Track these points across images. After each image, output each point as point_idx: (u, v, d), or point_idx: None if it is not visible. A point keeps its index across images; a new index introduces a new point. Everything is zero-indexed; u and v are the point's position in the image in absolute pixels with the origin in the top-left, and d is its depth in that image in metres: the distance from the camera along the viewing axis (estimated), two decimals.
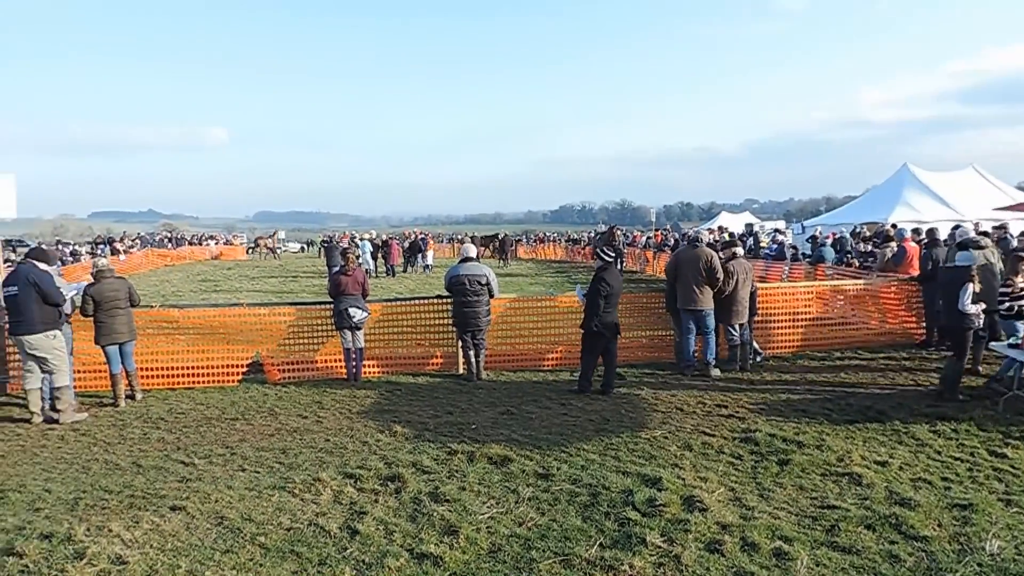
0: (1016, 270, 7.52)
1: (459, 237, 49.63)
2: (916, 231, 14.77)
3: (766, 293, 9.90)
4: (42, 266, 7.05)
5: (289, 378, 8.64)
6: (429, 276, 26.91)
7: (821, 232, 20.40)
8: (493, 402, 7.48)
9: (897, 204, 24.18)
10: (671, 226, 66.67)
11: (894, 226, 16.83)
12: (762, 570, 3.68)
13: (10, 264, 12.39)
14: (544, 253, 45.42)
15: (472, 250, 9.07)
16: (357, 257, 9.23)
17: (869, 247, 15.52)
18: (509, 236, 39.59)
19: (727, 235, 22.03)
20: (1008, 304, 7.44)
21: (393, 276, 26.27)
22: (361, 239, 28.07)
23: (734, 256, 8.84)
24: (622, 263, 23.70)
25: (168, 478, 5.27)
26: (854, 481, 4.92)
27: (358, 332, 8.53)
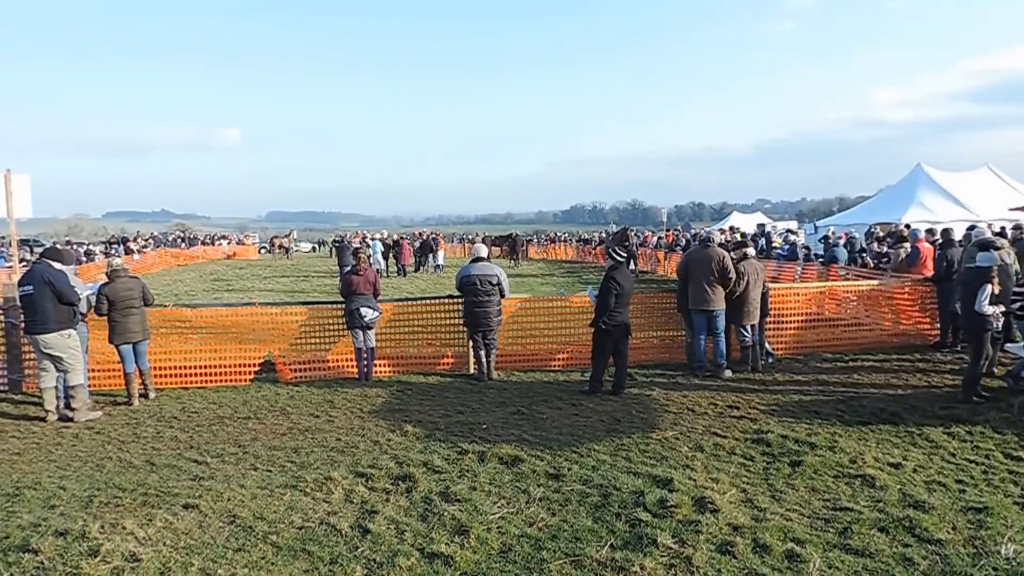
0: None
1: (470, 237, 49.69)
2: (930, 231, 14.68)
3: (778, 294, 9.86)
4: (57, 265, 7.11)
5: (301, 377, 8.68)
6: (440, 276, 26.96)
7: (834, 232, 20.30)
8: (504, 402, 7.48)
9: (911, 204, 24.07)
10: (682, 226, 66.46)
11: (908, 226, 16.73)
12: (774, 572, 3.66)
13: (25, 264, 12.51)
14: (555, 253, 45.42)
15: (483, 250, 9.09)
16: (369, 257, 9.26)
17: (884, 248, 15.41)
18: (520, 236, 39.62)
19: (738, 235, 21.96)
20: (1022, 304, 7.36)
21: (404, 276, 26.35)
22: (372, 239, 28.15)
23: (745, 257, 8.81)
24: (635, 264, 23.65)
25: (181, 476, 5.31)
26: (867, 483, 4.89)
27: (369, 332, 8.56)
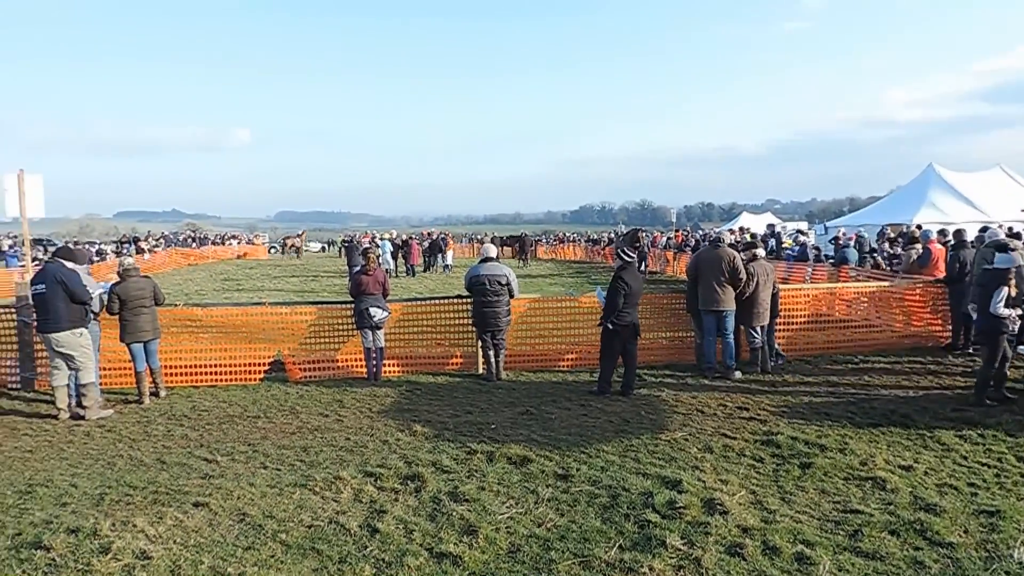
0: None
1: (479, 237, 49.73)
2: (942, 232, 14.56)
3: (788, 295, 9.81)
4: (69, 264, 7.16)
5: (310, 377, 8.70)
6: (449, 276, 26.98)
7: (844, 233, 20.19)
8: (512, 402, 7.48)
9: (922, 205, 23.94)
10: (691, 227, 66.29)
11: (919, 227, 16.61)
12: (783, 574, 3.65)
13: (38, 263, 12.60)
14: (564, 253, 45.41)
15: (493, 250, 9.09)
16: (378, 257, 9.28)
17: (898, 249, 15.31)
18: (529, 236, 39.64)
19: (748, 236, 21.86)
20: None
21: (413, 276, 26.38)
22: (382, 239, 28.21)
23: (755, 257, 8.77)
24: (645, 265, 23.60)
25: (191, 475, 5.34)
26: (878, 485, 4.86)
27: (378, 331, 8.58)
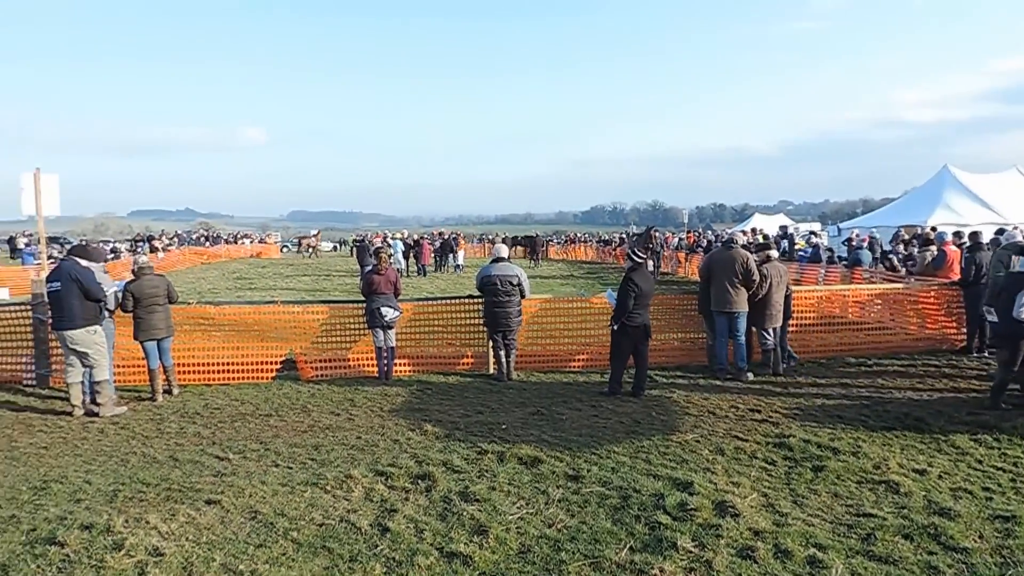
0: None
1: (490, 237, 49.78)
2: (957, 234, 14.43)
3: (801, 296, 9.76)
4: (84, 262, 7.21)
5: (322, 375, 8.73)
6: (460, 276, 27.02)
7: (858, 234, 20.04)
8: (523, 402, 7.48)
9: (937, 206, 23.74)
10: (703, 227, 66.05)
11: (934, 229, 16.48)
12: None
13: (53, 261, 12.71)
14: (575, 254, 45.36)
15: (504, 250, 9.09)
16: (389, 256, 9.31)
17: (913, 251, 15.17)
18: (540, 236, 39.64)
19: (761, 237, 21.75)
20: None
21: (424, 276, 26.43)
22: (393, 238, 28.28)
23: (768, 259, 8.72)
24: (658, 264, 23.50)
25: (203, 472, 5.37)
26: (891, 489, 4.82)
27: (390, 331, 8.60)
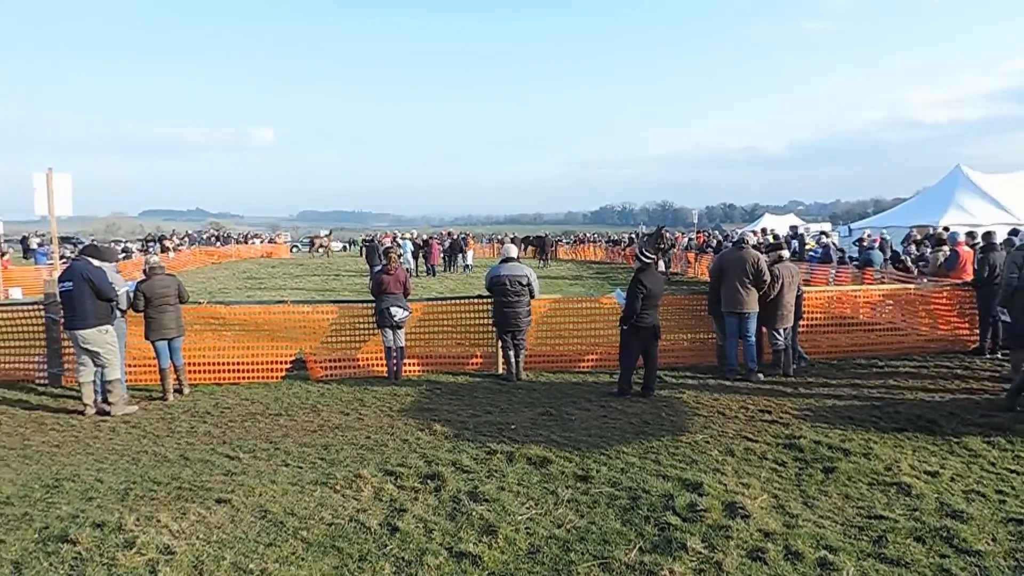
0: None
1: (499, 237, 49.81)
2: (970, 235, 14.32)
3: (812, 297, 9.71)
4: (96, 262, 7.25)
5: (331, 375, 8.75)
6: (469, 276, 27.03)
7: (869, 235, 19.92)
8: (532, 403, 7.47)
9: (949, 207, 23.55)
10: (713, 227, 65.83)
11: (946, 229, 16.36)
12: None
13: (65, 260, 12.80)
14: (584, 254, 45.32)
15: (513, 250, 9.09)
16: (399, 256, 9.32)
17: (925, 251, 15.06)
18: (549, 236, 39.64)
19: (771, 237, 21.65)
20: None
21: (434, 276, 26.46)
22: (403, 238, 28.33)
23: (780, 259, 8.68)
24: (668, 264, 23.43)
25: (214, 471, 5.39)
26: (903, 491, 4.78)
27: (399, 331, 8.61)
